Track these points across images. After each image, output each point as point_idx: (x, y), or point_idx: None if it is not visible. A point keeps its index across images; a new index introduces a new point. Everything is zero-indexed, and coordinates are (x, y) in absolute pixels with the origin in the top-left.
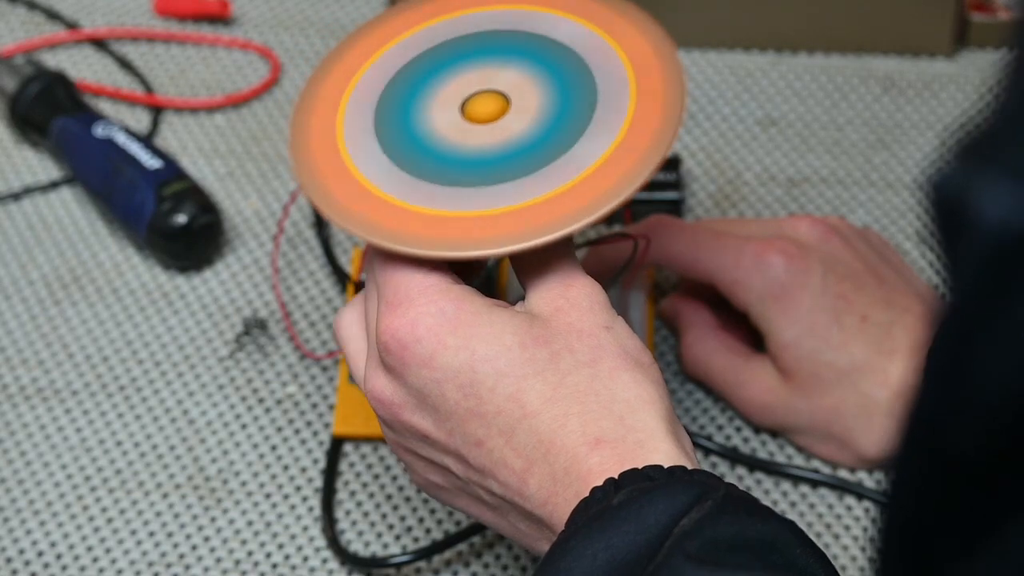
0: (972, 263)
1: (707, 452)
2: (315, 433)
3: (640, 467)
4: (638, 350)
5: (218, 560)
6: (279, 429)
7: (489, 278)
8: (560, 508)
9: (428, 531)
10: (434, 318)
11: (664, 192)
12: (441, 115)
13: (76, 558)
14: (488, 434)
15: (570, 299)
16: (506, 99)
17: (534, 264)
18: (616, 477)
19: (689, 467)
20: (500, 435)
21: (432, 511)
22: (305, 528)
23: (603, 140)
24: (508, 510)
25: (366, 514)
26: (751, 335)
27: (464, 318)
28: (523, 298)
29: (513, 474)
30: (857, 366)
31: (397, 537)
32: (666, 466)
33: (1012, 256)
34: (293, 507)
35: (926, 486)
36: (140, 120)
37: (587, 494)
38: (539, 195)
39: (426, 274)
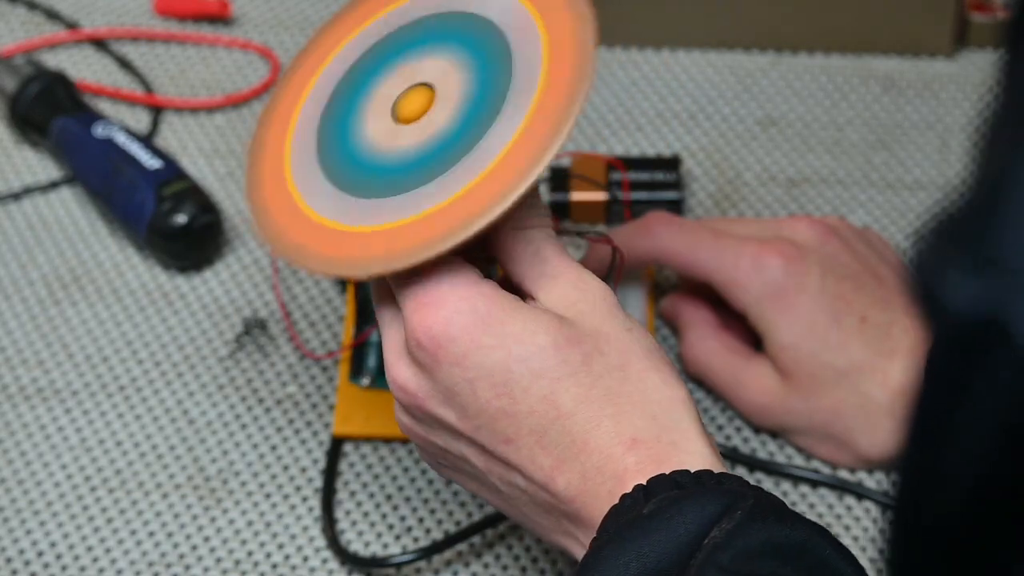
0: (938, 348)
1: None
2: (315, 433)
3: (668, 472)
4: (658, 350)
5: (218, 560)
6: (279, 429)
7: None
8: (590, 505)
9: (428, 531)
10: (468, 316)
11: (664, 192)
12: (375, 123)
13: (76, 558)
14: (518, 432)
15: (588, 302)
16: (432, 90)
17: (535, 264)
18: (645, 483)
19: (717, 470)
20: (531, 434)
21: (432, 511)
22: (305, 528)
23: (511, 127)
24: (525, 502)
25: (366, 514)
26: (751, 335)
27: (498, 316)
28: None
29: (541, 471)
30: (856, 367)
31: (397, 537)
32: (697, 469)
33: (970, 348)
34: (293, 507)
35: (915, 549)
36: (140, 120)
37: (623, 492)
38: (452, 195)
39: (456, 270)
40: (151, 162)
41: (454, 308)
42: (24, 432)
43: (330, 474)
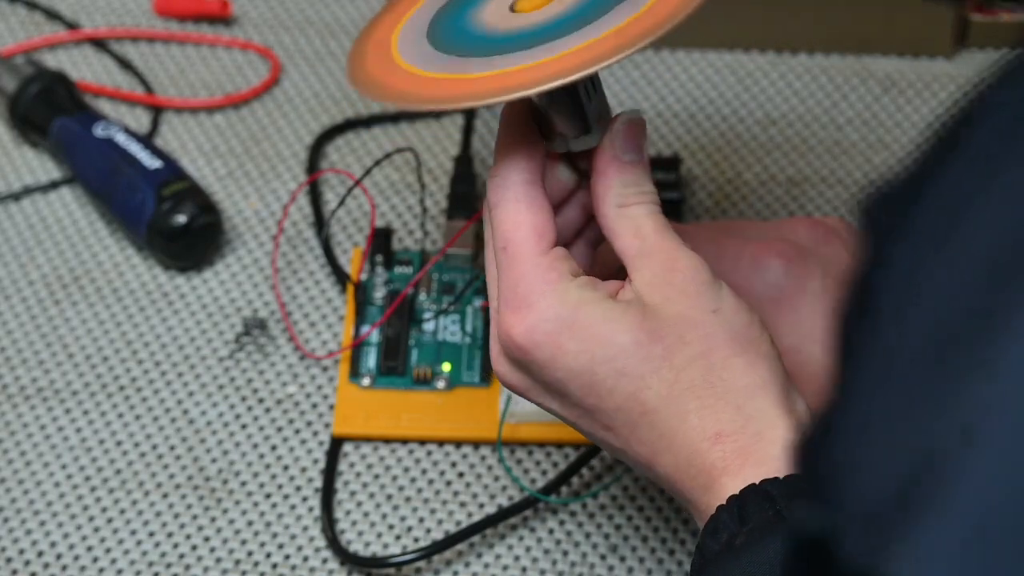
0: (787, 555)
1: None
2: (315, 433)
3: (758, 482)
4: (746, 326)
5: (218, 560)
6: (279, 429)
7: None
8: (688, 490)
9: (428, 531)
10: (552, 323)
11: (664, 192)
12: (491, 10)
13: (76, 558)
14: (613, 424)
15: (676, 284)
16: None
17: (633, 242)
18: (739, 496)
19: None
20: (624, 427)
21: (432, 511)
22: (305, 528)
23: (624, 15)
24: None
25: (366, 514)
26: None
27: (581, 321)
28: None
29: (641, 456)
30: None
31: (397, 537)
32: (787, 475)
33: (808, 560)
34: (293, 507)
35: None
36: (140, 120)
37: (715, 488)
38: (576, 46)
39: (545, 271)
40: (151, 162)
41: (539, 316)
42: (24, 432)
43: (330, 474)
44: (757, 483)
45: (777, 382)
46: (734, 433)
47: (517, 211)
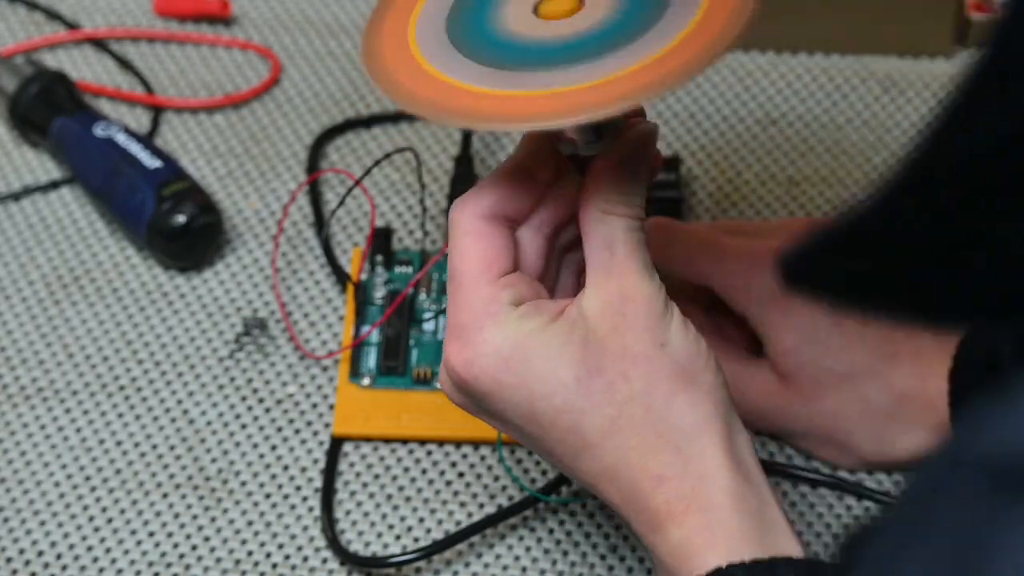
0: None
1: None
2: (315, 433)
3: (724, 567)
4: (691, 359)
5: (218, 560)
6: (279, 429)
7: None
8: (633, 524)
9: (428, 531)
10: (490, 358)
11: (664, 192)
12: (514, 14)
13: (76, 558)
14: (555, 451)
15: (627, 316)
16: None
17: (601, 254)
18: None
19: (752, 500)
20: (566, 456)
21: (432, 511)
22: (305, 528)
23: (672, 32)
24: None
25: (366, 514)
26: (751, 338)
27: (519, 355)
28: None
29: (586, 483)
30: (858, 371)
31: (397, 537)
32: (734, 509)
33: None
34: (293, 507)
35: None
36: (140, 120)
37: (660, 537)
38: (606, 75)
39: (487, 303)
40: (151, 162)
41: (476, 350)
42: (24, 432)
43: (330, 474)
44: (724, 567)
45: (720, 418)
46: (675, 477)
47: (465, 243)
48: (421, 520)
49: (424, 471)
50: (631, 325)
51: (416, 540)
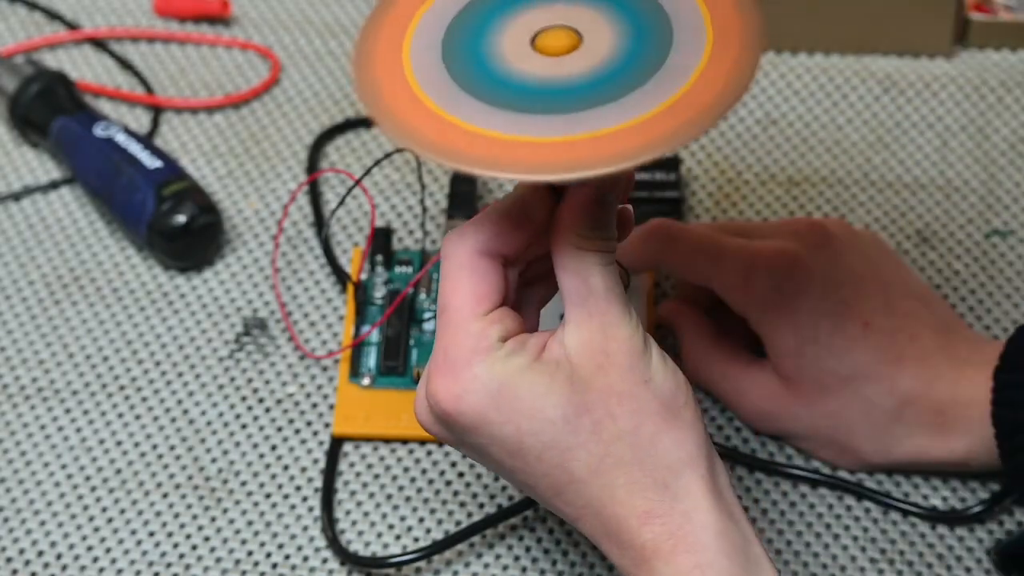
0: None
1: None
2: (315, 433)
3: None
4: (673, 393)
5: (218, 560)
6: (279, 429)
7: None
8: (614, 558)
9: (428, 531)
10: (477, 395)
11: (664, 192)
12: (510, 45)
13: (76, 558)
14: (537, 485)
15: (610, 355)
16: (578, 36)
17: (579, 293)
18: None
19: (736, 537)
20: (548, 490)
21: (432, 511)
22: (305, 528)
23: (676, 80)
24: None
25: (366, 514)
26: (751, 339)
27: (507, 393)
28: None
29: (565, 515)
30: (861, 373)
31: (397, 537)
32: (720, 550)
33: None
34: (293, 507)
35: None
36: (140, 120)
37: (647, 568)
38: (606, 127)
39: (476, 339)
40: (151, 162)
41: (463, 386)
42: (24, 432)
43: (330, 474)
44: None
45: (702, 455)
46: (663, 514)
47: (460, 276)
48: (421, 520)
49: (424, 471)
50: (615, 364)
51: (416, 540)
